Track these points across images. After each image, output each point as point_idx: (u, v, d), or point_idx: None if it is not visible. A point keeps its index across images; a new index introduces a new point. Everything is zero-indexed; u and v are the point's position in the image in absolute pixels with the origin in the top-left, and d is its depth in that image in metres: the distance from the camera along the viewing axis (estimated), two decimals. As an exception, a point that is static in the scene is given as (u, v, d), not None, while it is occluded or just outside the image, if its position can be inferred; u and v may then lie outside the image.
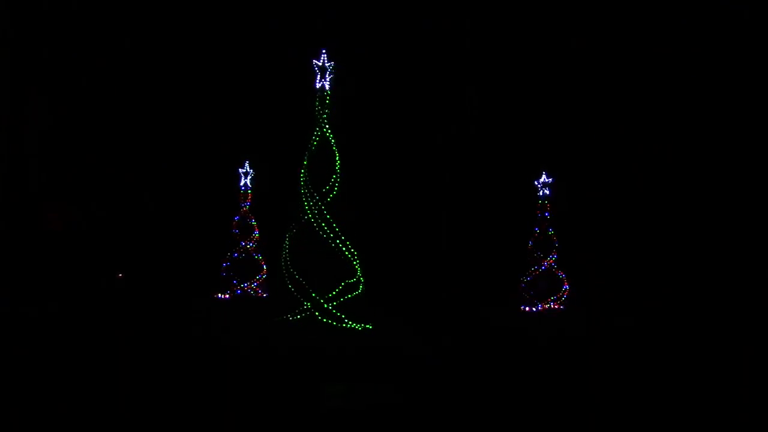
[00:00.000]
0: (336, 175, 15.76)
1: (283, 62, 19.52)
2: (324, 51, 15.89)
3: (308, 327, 14.84)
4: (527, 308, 22.01)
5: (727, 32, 19.04)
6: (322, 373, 10.58)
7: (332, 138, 15.85)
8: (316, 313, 14.98)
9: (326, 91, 15.82)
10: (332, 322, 14.92)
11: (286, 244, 15.75)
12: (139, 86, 19.99)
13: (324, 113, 15.89)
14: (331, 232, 15.49)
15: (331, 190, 15.71)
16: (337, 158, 15.81)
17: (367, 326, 15.33)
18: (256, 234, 23.85)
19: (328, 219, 15.59)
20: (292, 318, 14.99)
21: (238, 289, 23.96)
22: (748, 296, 18.31)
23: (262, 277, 24.00)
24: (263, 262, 23.65)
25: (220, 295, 23.65)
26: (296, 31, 19.63)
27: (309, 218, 15.47)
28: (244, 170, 24.05)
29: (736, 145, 19.55)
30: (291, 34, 19.72)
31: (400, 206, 19.91)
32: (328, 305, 15.12)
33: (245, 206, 23.94)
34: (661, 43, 19.36)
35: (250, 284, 23.51)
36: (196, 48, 20.30)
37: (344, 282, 15.24)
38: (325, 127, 15.88)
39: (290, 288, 15.20)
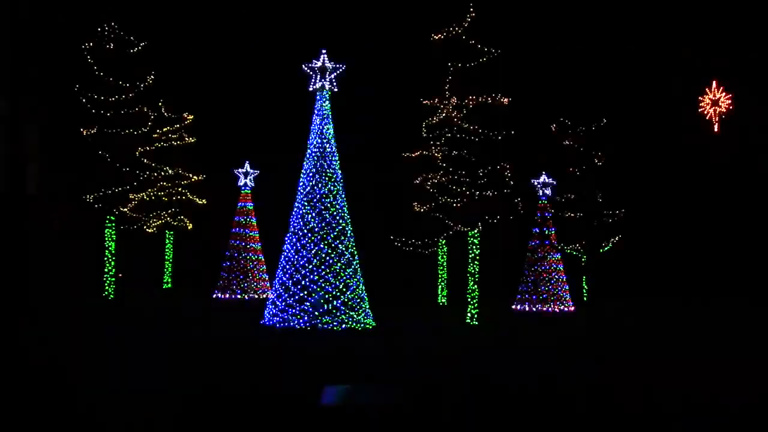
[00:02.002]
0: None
1: (282, 63, 19.53)
2: (324, 51, 15.87)
3: (309, 329, 14.83)
4: (525, 308, 21.99)
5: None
6: (322, 373, 10.57)
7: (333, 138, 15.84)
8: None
9: (326, 91, 15.78)
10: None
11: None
12: (139, 85, 19.99)
13: (324, 112, 15.87)
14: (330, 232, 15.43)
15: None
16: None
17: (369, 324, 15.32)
18: (257, 234, 23.88)
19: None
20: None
21: (239, 290, 23.96)
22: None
23: (262, 277, 24.06)
24: (263, 263, 23.69)
25: (219, 296, 23.71)
26: (295, 33, 19.64)
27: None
28: (244, 170, 24.06)
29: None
30: (290, 35, 19.74)
31: (399, 206, 19.88)
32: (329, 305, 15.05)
33: (245, 206, 23.97)
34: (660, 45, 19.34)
35: (251, 285, 23.54)
36: (197, 47, 20.31)
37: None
38: (327, 126, 15.83)
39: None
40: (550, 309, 20.76)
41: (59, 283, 20.24)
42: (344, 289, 15.43)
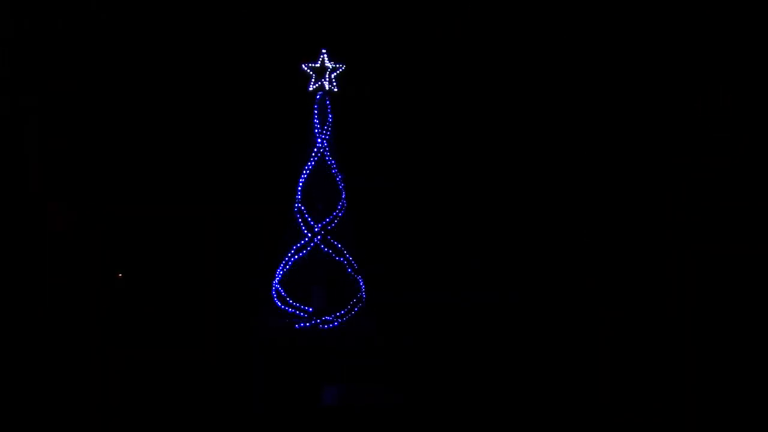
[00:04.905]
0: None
1: (281, 64, 19.54)
2: (324, 51, 15.86)
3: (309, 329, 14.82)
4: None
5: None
6: (323, 373, 10.59)
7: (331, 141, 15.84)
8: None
9: (326, 91, 15.77)
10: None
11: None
12: (139, 85, 20.00)
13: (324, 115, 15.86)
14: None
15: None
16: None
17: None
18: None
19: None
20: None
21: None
22: None
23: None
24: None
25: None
26: (294, 31, 19.67)
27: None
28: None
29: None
30: (289, 34, 19.76)
31: (398, 206, 19.92)
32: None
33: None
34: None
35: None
36: (195, 48, 20.35)
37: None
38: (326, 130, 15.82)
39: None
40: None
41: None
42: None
